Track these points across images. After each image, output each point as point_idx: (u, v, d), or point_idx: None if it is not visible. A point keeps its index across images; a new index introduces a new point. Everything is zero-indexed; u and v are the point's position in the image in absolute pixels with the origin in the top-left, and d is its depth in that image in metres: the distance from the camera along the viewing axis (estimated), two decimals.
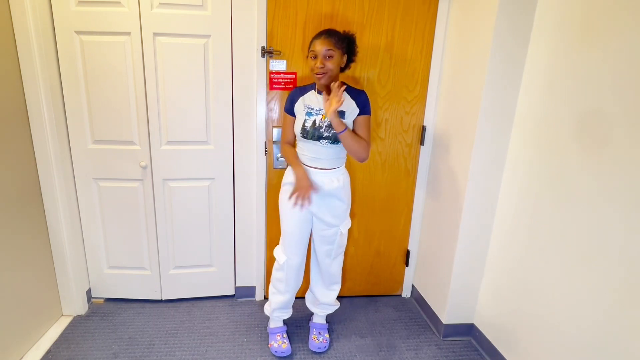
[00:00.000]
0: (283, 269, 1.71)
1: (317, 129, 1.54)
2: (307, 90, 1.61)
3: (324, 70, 1.49)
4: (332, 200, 1.64)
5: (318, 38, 1.50)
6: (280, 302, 1.77)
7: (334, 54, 1.48)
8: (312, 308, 1.92)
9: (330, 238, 1.70)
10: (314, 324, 1.91)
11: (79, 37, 1.72)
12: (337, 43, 1.49)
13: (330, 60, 1.48)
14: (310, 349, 1.80)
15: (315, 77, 1.52)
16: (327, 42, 1.47)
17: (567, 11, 1.37)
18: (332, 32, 1.51)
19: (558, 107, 1.40)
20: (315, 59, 1.49)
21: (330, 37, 1.49)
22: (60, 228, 1.83)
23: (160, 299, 2.13)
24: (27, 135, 1.67)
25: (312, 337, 1.85)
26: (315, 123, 1.54)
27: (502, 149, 1.68)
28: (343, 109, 1.55)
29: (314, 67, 1.50)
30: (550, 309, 1.43)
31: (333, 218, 1.66)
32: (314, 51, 1.49)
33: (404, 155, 2.08)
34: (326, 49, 1.47)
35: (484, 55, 1.59)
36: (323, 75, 1.50)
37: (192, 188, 1.98)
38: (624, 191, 1.15)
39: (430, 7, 1.88)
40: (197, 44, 1.79)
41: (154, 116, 1.84)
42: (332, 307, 1.89)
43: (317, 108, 1.55)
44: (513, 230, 1.64)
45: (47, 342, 1.76)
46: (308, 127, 1.54)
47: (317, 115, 1.54)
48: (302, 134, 1.56)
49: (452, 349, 1.87)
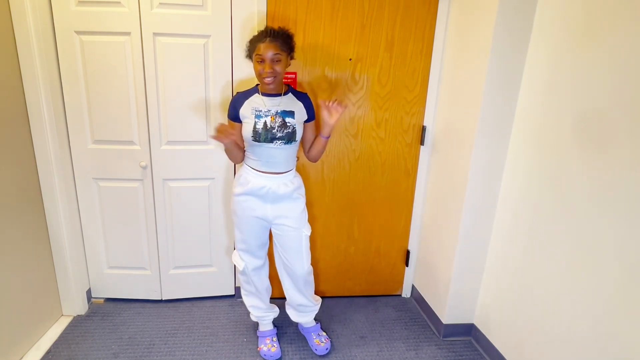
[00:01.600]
0: (244, 272, 1.72)
1: (269, 130, 1.51)
2: (251, 94, 1.57)
3: (273, 74, 1.46)
4: (289, 203, 1.62)
5: (262, 41, 1.44)
6: (255, 303, 1.80)
7: (281, 57, 1.46)
8: (298, 319, 1.86)
9: (295, 243, 1.65)
10: (307, 329, 1.86)
11: (79, 37, 1.72)
12: (282, 46, 1.46)
13: (278, 64, 1.46)
14: (317, 355, 1.78)
15: (263, 81, 1.48)
16: (273, 46, 1.43)
17: (567, 11, 1.37)
18: (275, 33, 1.46)
19: (558, 108, 1.40)
20: (262, 63, 1.45)
21: (276, 40, 1.44)
22: (60, 228, 1.83)
23: (160, 299, 2.13)
24: (27, 135, 1.67)
25: (314, 342, 1.80)
26: (267, 124, 1.51)
27: (502, 149, 1.68)
28: (292, 109, 1.56)
29: (263, 72, 1.45)
30: (550, 309, 1.43)
31: (294, 221, 1.62)
32: (260, 55, 1.44)
33: (404, 155, 2.08)
34: (273, 53, 1.43)
35: (484, 55, 1.59)
36: (273, 80, 1.47)
37: (192, 188, 1.98)
38: (624, 192, 1.15)
39: (430, 7, 1.88)
40: (197, 44, 1.79)
41: (154, 116, 1.84)
42: (315, 307, 1.84)
43: (264, 110, 1.52)
44: (513, 230, 1.64)
45: (47, 342, 1.76)
46: (260, 128, 1.50)
47: (266, 117, 1.51)
48: (254, 137, 1.51)
49: (452, 349, 1.87)
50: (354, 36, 1.87)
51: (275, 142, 1.53)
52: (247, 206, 1.61)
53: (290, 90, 1.61)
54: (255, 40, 1.48)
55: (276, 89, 1.55)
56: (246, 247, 1.69)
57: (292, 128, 1.54)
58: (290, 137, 1.54)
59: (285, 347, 1.82)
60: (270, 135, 1.51)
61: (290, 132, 1.54)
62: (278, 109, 1.54)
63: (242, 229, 1.66)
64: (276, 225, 1.64)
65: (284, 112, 1.54)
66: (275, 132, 1.52)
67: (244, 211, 1.62)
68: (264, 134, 1.51)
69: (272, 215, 1.62)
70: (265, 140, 1.52)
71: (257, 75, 1.50)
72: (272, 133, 1.51)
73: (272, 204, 1.61)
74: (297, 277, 1.71)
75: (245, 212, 1.61)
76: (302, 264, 1.68)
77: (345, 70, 1.91)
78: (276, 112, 1.53)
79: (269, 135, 1.51)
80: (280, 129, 1.52)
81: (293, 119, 1.54)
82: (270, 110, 1.53)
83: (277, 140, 1.52)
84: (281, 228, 1.64)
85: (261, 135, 1.51)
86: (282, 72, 1.50)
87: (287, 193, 1.60)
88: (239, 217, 1.64)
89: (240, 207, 1.62)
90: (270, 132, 1.51)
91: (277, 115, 1.52)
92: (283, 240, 1.65)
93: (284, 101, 1.56)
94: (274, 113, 1.52)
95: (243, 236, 1.67)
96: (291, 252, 1.66)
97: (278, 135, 1.52)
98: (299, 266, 1.68)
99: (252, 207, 1.61)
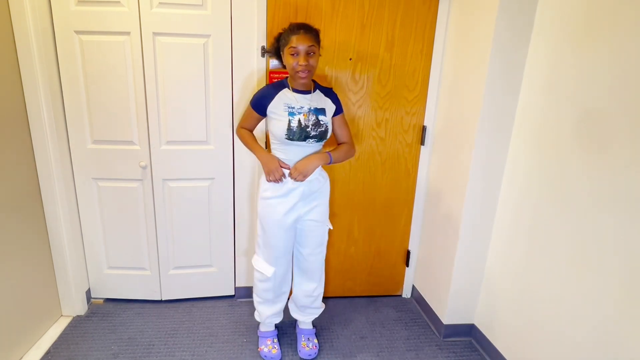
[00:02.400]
0: (270, 280, 1.66)
1: (303, 129, 1.47)
2: (281, 88, 1.52)
3: (308, 68, 1.42)
4: (319, 198, 1.62)
5: (295, 33, 1.40)
6: (272, 311, 1.74)
7: (316, 49, 1.43)
8: (297, 316, 1.85)
9: (320, 237, 1.67)
10: (301, 330, 1.85)
11: (79, 37, 1.72)
12: (316, 38, 1.43)
13: (312, 58, 1.43)
14: (300, 357, 1.77)
15: (297, 75, 1.44)
16: (307, 37, 1.40)
17: (567, 11, 1.37)
18: (308, 26, 1.42)
19: (558, 107, 1.40)
20: (296, 56, 1.41)
21: (310, 32, 1.41)
22: (59, 228, 1.82)
23: (160, 299, 2.13)
24: (26, 135, 1.67)
25: (301, 344, 1.79)
26: (301, 122, 1.47)
27: (502, 149, 1.68)
28: (323, 107, 1.54)
29: (297, 66, 1.41)
30: (551, 310, 1.43)
31: (320, 215, 1.64)
32: (294, 48, 1.40)
33: (404, 155, 2.07)
34: (308, 45, 1.39)
35: (484, 55, 1.58)
36: (307, 74, 1.44)
37: (192, 188, 1.98)
38: (625, 192, 1.14)
39: (430, 7, 1.88)
40: (197, 44, 1.78)
41: (154, 116, 1.84)
42: (318, 311, 1.84)
43: (297, 107, 1.49)
44: (513, 230, 1.64)
45: (46, 343, 1.76)
46: (294, 127, 1.46)
47: (299, 114, 1.48)
48: (288, 136, 1.47)
49: (452, 349, 1.86)
50: (354, 36, 1.87)
51: (309, 140, 1.50)
52: (281, 210, 1.55)
53: (317, 86, 1.58)
54: (288, 33, 1.43)
55: (307, 85, 1.52)
56: (275, 253, 1.62)
57: (325, 126, 1.53)
58: (323, 135, 1.52)
59: (286, 349, 1.82)
60: (304, 134, 1.48)
61: (324, 130, 1.52)
62: (310, 106, 1.50)
63: (272, 233, 1.58)
64: (303, 221, 1.63)
65: (317, 110, 1.51)
66: (310, 130, 1.49)
67: (278, 215, 1.55)
68: (298, 132, 1.47)
69: (303, 212, 1.60)
70: (299, 139, 1.48)
71: (290, 69, 1.45)
72: (306, 132, 1.48)
73: (304, 200, 1.58)
74: (313, 271, 1.72)
75: (278, 216, 1.55)
76: (321, 258, 1.71)
77: (346, 70, 1.91)
78: (309, 110, 1.50)
79: (303, 134, 1.48)
80: (314, 128, 1.49)
81: (325, 116, 1.53)
82: (303, 108, 1.49)
83: (311, 138, 1.50)
84: (307, 223, 1.63)
85: (295, 133, 1.47)
86: (316, 67, 1.46)
87: (318, 187, 1.60)
88: (269, 221, 1.57)
89: (274, 210, 1.55)
90: (305, 131, 1.48)
91: (309, 112, 1.49)
92: (306, 234, 1.65)
93: (314, 98, 1.53)
94: (306, 110, 1.49)
95: (271, 241, 1.60)
96: (312, 246, 1.67)
97: (312, 134, 1.49)
98: (313, 260, 1.70)
99: (286, 209, 1.56)
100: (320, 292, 1.80)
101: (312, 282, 1.75)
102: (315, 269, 1.73)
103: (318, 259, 1.72)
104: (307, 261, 1.71)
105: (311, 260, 1.70)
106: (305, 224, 1.63)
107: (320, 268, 1.75)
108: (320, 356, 1.78)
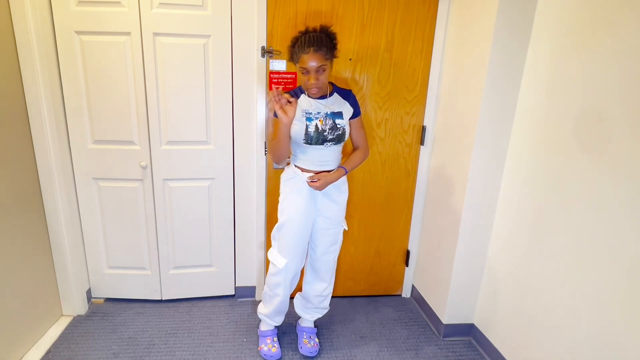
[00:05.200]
0: (281, 272, 1.66)
1: (320, 133, 1.52)
2: (298, 94, 1.56)
3: (318, 85, 1.45)
4: (339, 196, 1.66)
5: (306, 52, 1.39)
6: (279, 306, 1.74)
7: (326, 67, 1.43)
8: (301, 313, 1.86)
9: (334, 237, 1.71)
10: (303, 328, 1.86)
11: (79, 37, 1.72)
12: (327, 54, 1.41)
13: (323, 74, 1.44)
14: (301, 354, 1.78)
15: (309, 92, 1.50)
16: (317, 56, 1.39)
17: (567, 11, 1.37)
18: (319, 42, 1.39)
19: (558, 107, 1.40)
20: (307, 74, 1.44)
21: (320, 50, 1.39)
22: (60, 228, 1.83)
23: (160, 299, 2.13)
24: (27, 135, 1.67)
25: (302, 341, 1.81)
26: (318, 127, 1.52)
27: (502, 149, 1.68)
28: (340, 110, 1.56)
29: (308, 84, 1.45)
30: (551, 310, 1.43)
31: (338, 214, 1.68)
32: (305, 68, 1.41)
33: (404, 155, 2.08)
34: (317, 64, 1.40)
35: (484, 55, 1.59)
36: (318, 90, 1.48)
37: (192, 188, 1.98)
38: (625, 192, 1.15)
39: (430, 7, 1.88)
40: (197, 44, 1.79)
41: (154, 116, 1.84)
42: (323, 311, 1.86)
43: (315, 112, 1.52)
44: (513, 230, 1.64)
45: (47, 342, 1.76)
46: (312, 132, 1.51)
47: (316, 119, 1.52)
48: (306, 140, 1.52)
49: (452, 349, 1.87)
50: (354, 36, 1.87)
51: (326, 143, 1.54)
52: (305, 211, 1.60)
53: (335, 89, 1.59)
54: (298, 50, 1.42)
55: (322, 91, 1.54)
56: (292, 243, 1.63)
57: (342, 129, 1.56)
58: (341, 137, 1.56)
59: (286, 348, 1.82)
60: (322, 137, 1.53)
61: (341, 133, 1.56)
62: (327, 110, 1.54)
63: (290, 223, 1.60)
64: (322, 218, 1.67)
65: (333, 114, 1.55)
66: (327, 134, 1.53)
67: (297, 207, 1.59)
68: (315, 136, 1.52)
69: (321, 210, 1.65)
70: (317, 143, 1.53)
71: (303, 86, 1.51)
72: (323, 136, 1.53)
73: (324, 198, 1.63)
74: (325, 271, 1.75)
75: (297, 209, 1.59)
76: (333, 257, 1.74)
77: (346, 70, 1.91)
78: (326, 114, 1.53)
79: (321, 137, 1.53)
80: (331, 131, 1.53)
81: (342, 119, 1.56)
82: (320, 112, 1.53)
83: (328, 142, 1.54)
84: (323, 220, 1.67)
85: (313, 138, 1.52)
86: (327, 79, 1.49)
87: (337, 186, 1.63)
88: (290, 210, 1.60)
89: (294, 208, 1.59)
90: (322, 135, 1.52)
91: (326, 117, 1.53)
92: (321, 232, 1.68)
93: (330, 102, 1.56)
94: (323, 115, 1.53)
95: (289, 231, 1.62)
96: (326, 244, 1.70)
97: (329, 138, 1.54)
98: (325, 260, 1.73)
99: (307, 209, 1.61)
100: (330, 293, 1.82)
101: (323, 282, 1.78)
102: (328, 269, 1.76)
103: (330, 258, 1.74)
104: (320, 260, 1.74)
105: (323, 260, 1.74)
106: (320, 221, 1.67)
107: (332, 268, 1.78)
108: (320, 355, 1.78)
